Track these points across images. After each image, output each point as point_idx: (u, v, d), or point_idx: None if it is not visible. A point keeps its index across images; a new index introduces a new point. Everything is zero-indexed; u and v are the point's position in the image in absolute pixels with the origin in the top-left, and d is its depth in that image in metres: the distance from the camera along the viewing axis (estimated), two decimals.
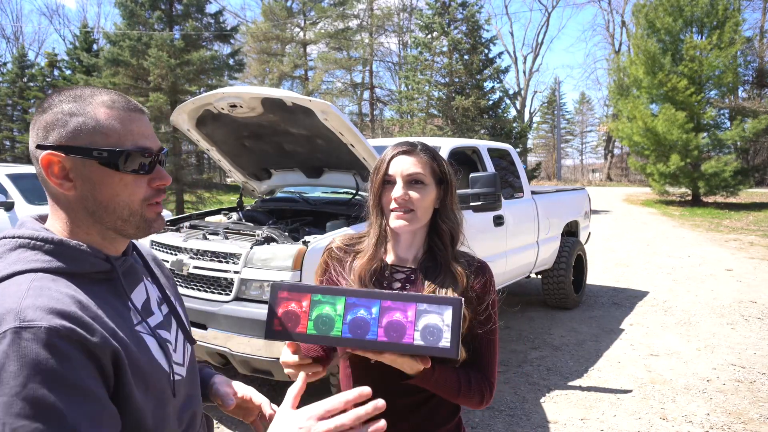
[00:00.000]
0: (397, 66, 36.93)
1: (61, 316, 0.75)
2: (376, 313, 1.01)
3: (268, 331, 1.03)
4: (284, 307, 1.03)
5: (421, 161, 1.31)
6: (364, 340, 1.00)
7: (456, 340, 0.99)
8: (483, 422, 3.48)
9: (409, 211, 1.29)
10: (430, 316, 1.00)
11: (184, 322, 1.06)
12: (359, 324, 1.00)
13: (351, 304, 1.01)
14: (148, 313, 0.95)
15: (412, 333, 0.99)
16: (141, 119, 0.90)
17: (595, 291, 7.09)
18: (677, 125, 17.70)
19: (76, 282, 0.84)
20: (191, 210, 15.41)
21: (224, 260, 3.18)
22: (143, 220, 0.91)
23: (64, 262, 0.84)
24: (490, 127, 19.35)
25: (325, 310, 1.02)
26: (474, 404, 1.25)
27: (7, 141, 29.29)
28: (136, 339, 0.87)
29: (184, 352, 1.02)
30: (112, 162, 0.85)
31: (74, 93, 0.88)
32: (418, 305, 1.01)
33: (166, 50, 15.33)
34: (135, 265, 0.99)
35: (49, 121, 0.85)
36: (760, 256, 9.54)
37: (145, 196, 0.90)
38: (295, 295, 1.04)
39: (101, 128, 0.86)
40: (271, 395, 3.92)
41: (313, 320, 1.02)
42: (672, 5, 18.67)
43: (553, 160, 44.36)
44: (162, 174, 0.92)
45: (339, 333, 1.00)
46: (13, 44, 39.40)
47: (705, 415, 3.59)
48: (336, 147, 3.52)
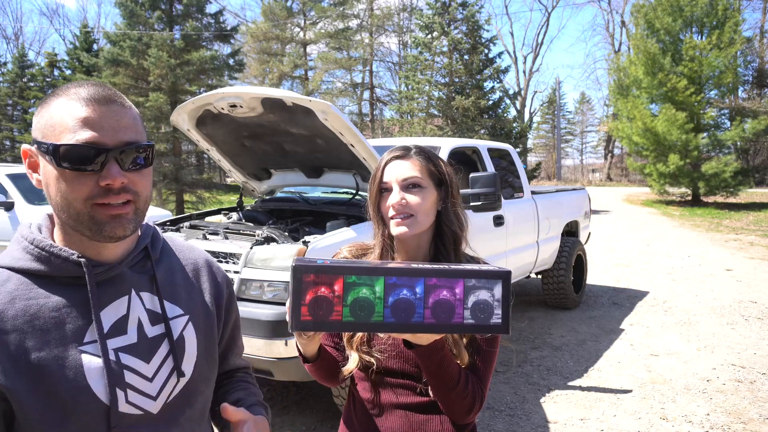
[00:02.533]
0: (397, 66, 36.94)
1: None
2: (420, 293, 0.89)
3: (295, 321, 0.87)
4: (312, 292, 0.87)
5: (416, 164, 1.27)
6: (409, 323, 0.89)
7: (507, 316, 0.90)
8: (483, 422, 3.48)
9: (409, 217, 1.25)
10: (480, 292, 0.90)
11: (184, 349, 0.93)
12: (403, 306, 0.88)
13: (392, 285, 0.88)
14: (117, 332, 0.85)
15: (462, 312, 0.89)
16: (106, 111, 0.82)
17: (595, 291, 7.09)
18: (677, 125, 17.70)
19: (44, 284, 0.83)
20: (191, 210, 15.41)
21: (224, 260, 3.18)
22: (92, 221, 0.82)
23: (36, 263, 0.84)
24: (490, 127, 19.35)
25: (363, 293, 0.88)
26: (462, 409, 1.17)
27: (7, 141, 29.28)
28: (66, 361, 0.79)
29: (165, 385, 0.89)
30: (54, 157, 0.81)
31: (57, 88, 0.89)
32: (465, 281, 0.90)
33: (166, 50, 15.33)
34: (125, 276, 0.89)
35: (35, 115, 0.87)
36: (760, 256, 9.54)
37: (89, 195, 0.82)
38: (323, 278, 0.87)
39: (51, 121, 0.82)
40: (271, 395, 3.94)
41: (349, 306, 0.87)
42: (672, 5, 18.66)
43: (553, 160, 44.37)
44: (109, 173, 0.81)
45: (381, 318, 0.88)
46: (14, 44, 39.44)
47: (705, 415, 3.59)
48: (336, 147, 3.52)
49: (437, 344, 1.05)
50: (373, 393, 1.29)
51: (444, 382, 1.12)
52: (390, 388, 1.27)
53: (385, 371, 1.26)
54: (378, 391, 1.28)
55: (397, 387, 1.27)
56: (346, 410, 1.39)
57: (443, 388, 1.13)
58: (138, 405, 0.85)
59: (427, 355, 1.06)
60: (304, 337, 1.09)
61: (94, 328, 0.82)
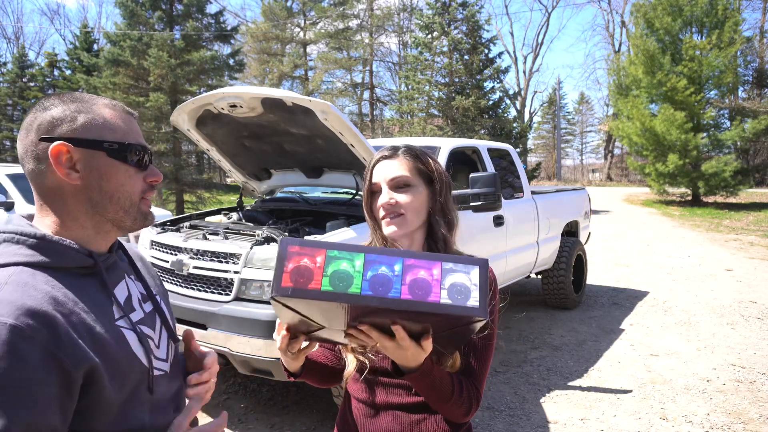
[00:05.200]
0: (397, 66, 36.94)
1: (30, 315, 0.76)
2: (399, 270, 0.92)
3: (276, 287, 0.91)
4: (295, 262, 0.92)
5: (405, 163, 1.27)
6: (386, 297, 0.90)
7: (484, 301, 0.91)
8: (483, 422, 3.48)
9: (398, 216, 1.24)
10: (457, 275, 0.93)
11: (168, 320, 1.08)
12: (381, 281, 0.91)
13: (371, 261, 0.93)
14: (130, 308, 0.97)
15: (438, 291, 0.91)
16: (135, 122, 0.99)
17: (595, 291, 7.09)
18: (676, 125, 17.70)
19: (59, 276, 0.86)
20: (191, 210, 15.41)
21: (224, 260, 3.18)
22: (140, 212, 0.97)
23: (46, 256, 0.86)
24: (490, 127, 19.36)
25: (343, 266, 0.92)
26: (460, 414, 1.18)
27: (7, 141, 29.28)
28: (115, 333, 0.89)
29: (168, 349, 1.04)
30: (121, 154, 0.93)
31: (73, 96, 0.94)
32: (443, 263, 0.93)
33: (166, 50, 15.33)
34: (118, 263, 1.02)
35: (56, 117, 0.90)
36: (760, 256, 9.54)
37: (142, 189, 0.97)
38: (307, 250, 0.93)
39: (109, 124, 0.93)
40: (271, 395, 3.94)
41: (329, 276, 0.91)
42: (671, 5, 18.66)
43: (553, 160, 44.37)
44: (156, 171, 0.99)
45: (358, 290, 0.90)
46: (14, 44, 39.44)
47: (705, 415, 3.59)
48: (336, 147, 3.52)
49: (425, 368, 1.07)
50: (367, 393, 1.29)
51: (438, 398, 1.14)
52: (384, 388, 1.27)
53: (379, 371, 1.26)
54: (373, 392, 1.28)
55: (391, 387, 1.26)
56: (341, 411, 1.39)
57: (438, 402, 1.15)
58: (159, 367, 0.99)
59: (418, 380, 1.09)
60: (289, 355, 1.13)
61: (115, 307, 0.93)
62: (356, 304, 0.91)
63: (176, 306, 3.28)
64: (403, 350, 1.01)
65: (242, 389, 4.01)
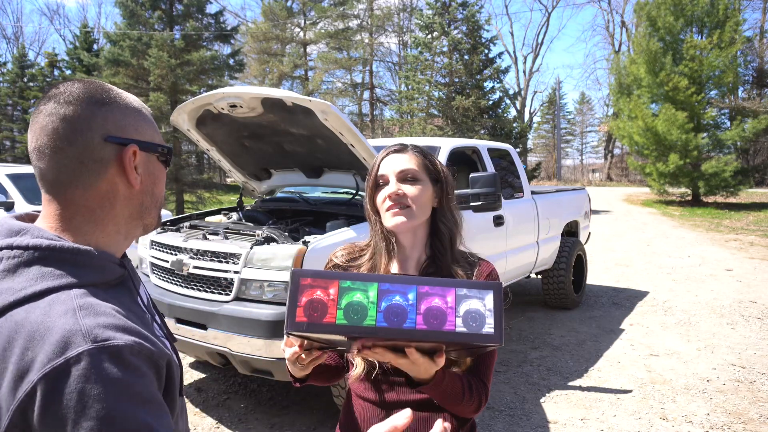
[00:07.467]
0: (397, 66, 36.93)
1: (127, 332, 0.73)
2: (413, 299, 0.91)
3: (290, 323, 0.90)
4: (308, 295, 0.91)
5: (413, 158, 1.28)
6: (401, 329, 0.90)
7: (500, 326, 0.91)
8: (483, 422, 3.48)
9: (405, 207, 1.23)
10: (471, 301, 0.92)
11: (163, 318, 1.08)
12: (395, 311, 0.90)
13: (385, 291, 0.91)
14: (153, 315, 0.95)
15: (453, 320, 0.90)
16: None
17: (595, 291, 7.09)
18: (677, 125, 17.70)
19: (97, 291, 0.79)
20: (191, 210, 15.41)
21: (224, 260, 3.18)
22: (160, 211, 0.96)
23: (92, 274, 0.79)
24: (490, 127, 19.37)
25: (356, 297, 0.91)
26: (470, 411, 1.21)
27: (7, 141, 29.30)
28: (161, 342, 0.85)
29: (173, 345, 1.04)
30: (166, 157, 0.90)
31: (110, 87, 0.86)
32: (457, 290, 0.92)
33: (166, 50, 15.33)
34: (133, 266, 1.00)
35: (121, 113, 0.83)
36: (760, 256, 9.54)
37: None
38: (320, 281, 0.92)
39: (153, 126, 0.90)
40: (271, 395, 3.94)
41: (343, 309, 0.90)
42: (674, 4, 18.66)
43: (553, 160, 44.36)
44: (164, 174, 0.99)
45: (373, 322, 0.90)
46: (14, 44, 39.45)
47: (705, 415, 3.59)
48: (336, 147, 3.52)
49: (437, 379, 1.10)
50: (372, 392, 1.29)
51: (451, 402, 1.17)
52: (390, 386, 1.27)
53: (386, 370, 1.25)
54: (378, 390, 1.28)
55: (399, 385, 1.26)
56: (344, 411, 1.38)
57: (450, 405, 1.19)
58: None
59: (430, 390, 1.12)
60: (299, 366, 1.11)
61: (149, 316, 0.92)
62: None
63: (176, 306, 3.28)
64: (416, 366, 1.02)
65: (242, 389, 4.01)
